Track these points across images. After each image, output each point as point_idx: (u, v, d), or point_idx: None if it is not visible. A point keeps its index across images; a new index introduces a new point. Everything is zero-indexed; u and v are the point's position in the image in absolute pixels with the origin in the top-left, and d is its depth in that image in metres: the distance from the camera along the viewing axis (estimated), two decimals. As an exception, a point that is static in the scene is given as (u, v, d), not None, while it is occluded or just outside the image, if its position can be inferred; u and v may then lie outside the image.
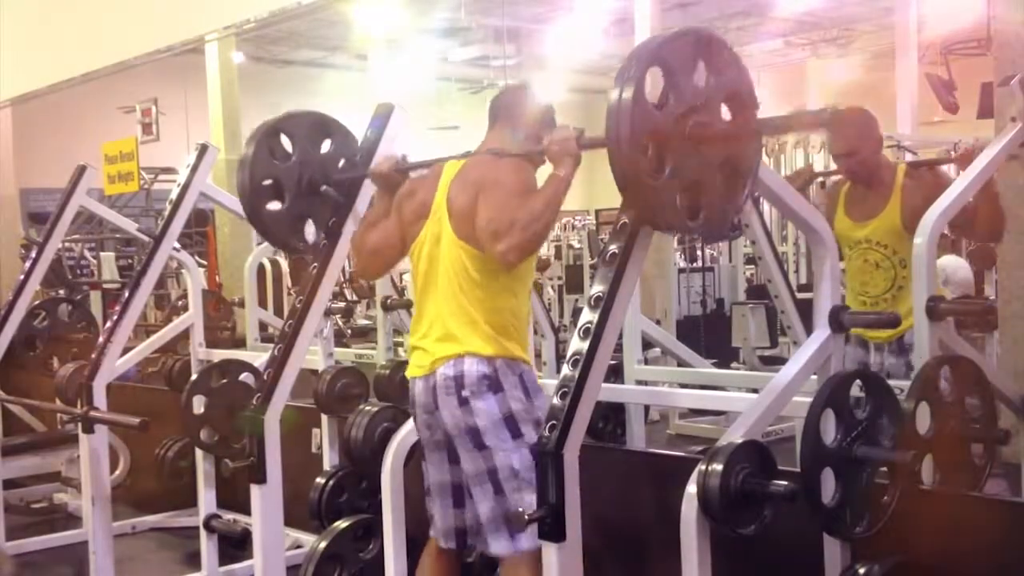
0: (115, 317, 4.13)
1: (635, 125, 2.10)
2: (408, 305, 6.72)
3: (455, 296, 2.73)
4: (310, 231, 3.44)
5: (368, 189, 3.36)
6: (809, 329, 2.83)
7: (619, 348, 3.83)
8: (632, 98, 2.08)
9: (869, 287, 3.71)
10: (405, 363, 5.12)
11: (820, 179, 4.31)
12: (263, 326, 6.35)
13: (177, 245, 4.89)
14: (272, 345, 3.36)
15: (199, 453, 4.41)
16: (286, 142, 3.38)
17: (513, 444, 2.70)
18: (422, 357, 2.80)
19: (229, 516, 4.52)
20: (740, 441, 2.33)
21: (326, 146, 3.47)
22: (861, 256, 3.71)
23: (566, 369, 2.37)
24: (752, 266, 9.65)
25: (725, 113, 2.27)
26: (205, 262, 12.55)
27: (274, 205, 3.36)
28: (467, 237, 2.72)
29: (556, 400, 2.33)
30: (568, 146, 2.58)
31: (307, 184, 3.38)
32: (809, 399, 2.49)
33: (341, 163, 3.46)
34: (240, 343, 6.80)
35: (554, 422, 2.30)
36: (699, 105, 2.19)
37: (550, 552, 2.29)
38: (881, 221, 3.65)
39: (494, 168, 2.75)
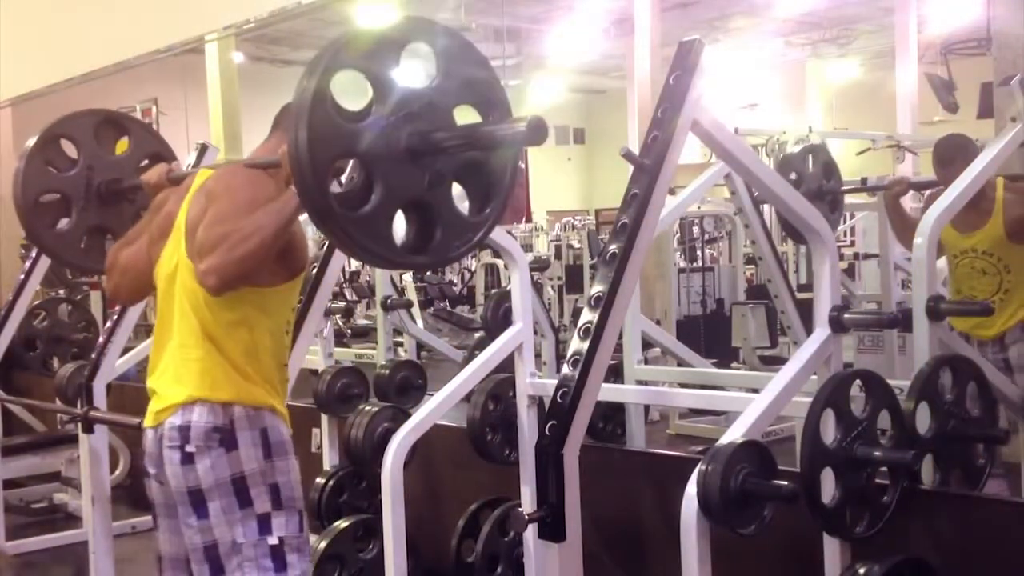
0: (115, 317, 4.13)
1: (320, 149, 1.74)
2: (409, 305, 6.75)
3: (190, 329, 2.28)
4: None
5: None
6: (809, 329, 2.83)
7: (619, 348, 3.83)
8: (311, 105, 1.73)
9: (976, 291, 3.93)
10: (406, 363, 5.18)
11: (922, 191, 4.52)
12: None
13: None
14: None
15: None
16: (70, 148, 2.96)
17: (240, 514, 2.22)
18: (155, 403, 2.33)
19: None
20: (740, 441, 2.33)
21: (124, 147, 3.09)
22: (968, 264, 3.96)
23: (566, 369, 2.37)
24: (752, 266, 9.65)
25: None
26: (205, 262, 12.54)
27: (64, 223, 2.94)
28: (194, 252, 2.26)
29: (556, 400, 2.33)
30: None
31: (100, 193, 2.97)
32: (809, 399, 2.50)
33: (144, 162, 3.05)
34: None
35: (554, 422, 2.30)
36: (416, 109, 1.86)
37: (550, 552, 2.29)
38: (986, 232, 3.88)
39: (230, 177, 2.33)
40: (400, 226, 1.87)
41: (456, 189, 1.96)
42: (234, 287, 2.16)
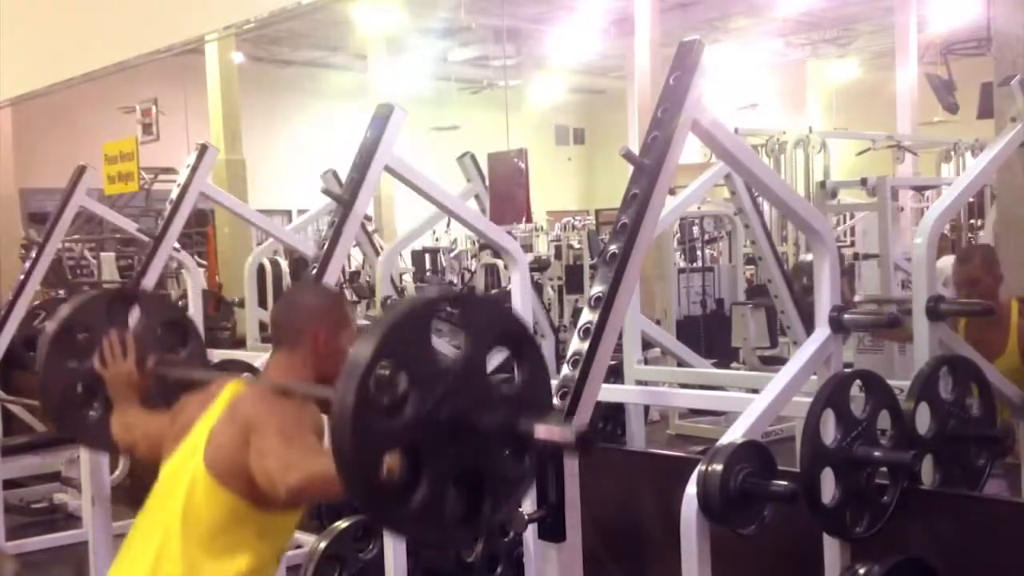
0: (115, 317, 4.13)
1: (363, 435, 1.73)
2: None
3: (172, 537, 2.20)
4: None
5: (368, 189, 3.35)
6: (809, 329, 2.83)
7: (619, 348, 3.83)
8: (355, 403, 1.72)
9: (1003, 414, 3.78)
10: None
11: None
12: (263, 326, 6.35)
13: (177, 245, 4.89)
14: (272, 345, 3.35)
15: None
16: (83, 336, 2.87)
17: None
18: None
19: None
20: (740, 441, 2.33)
21: (135, 319, 2.99)
22: None
23: (566, 369, 2.37)
24: (752, 266, 9.65)
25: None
26: (205, 262, 12.56)
27: (93, 411, 2.87)
28: (221, 474, 2.20)
29: (556, 400, 2.33)
30: None
31: None
32: (809, 399, 2.49)
33: (159, 330, 2.98)
34: (240, 343, 6.81)
35: (554, 422, 2.30)
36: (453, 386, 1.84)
37: (550, 552, 2.29)
38: (1004, 361, 3.72)
39: (271, 408, 2.22)
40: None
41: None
42: (301, 501, 2.20)
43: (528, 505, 2.26)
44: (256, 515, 2.20)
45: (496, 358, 2.02)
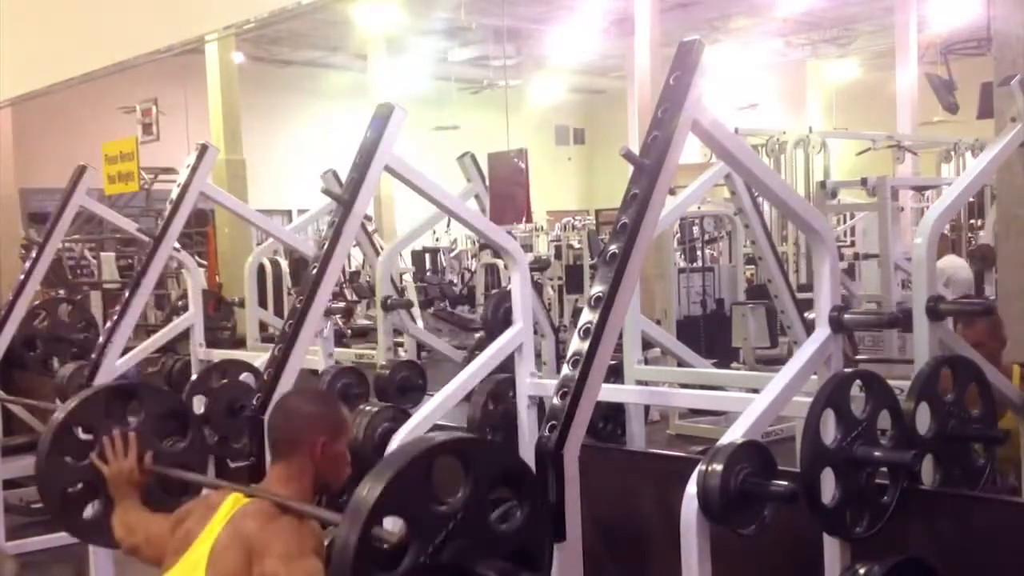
0: (115, 317, 4.13)
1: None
2: (409, 305, 6.75)
3: None
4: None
5: (368, 189, 3.35)
6: (809, 329, 2.83)
7: (619, 348, 3.83)
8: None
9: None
10: (406, 363, 5.16)
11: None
12: (263, 326, 6.35)
13: (177, 245, 4.89)
14: (272, 345, 3.36)
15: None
16: (83, 433, 2.87)
17: None
18: None
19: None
20: (740, 441, 2.33)
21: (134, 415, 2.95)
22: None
23: (566, 369, 2.37)
24: (752, 266, 9.66)
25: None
26: (205, 262, 12.56)
27: (92, 509, 2.85)
28: None
29: (556, 400, 2.33)
30: None
31: None
32: (809, 399, 2.49)
33: (158, 423, 2.96)
34: (240, 343, 6.80)
35: (554, 422, 2.30)
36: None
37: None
38: (1006, 422, 3.58)
39: (274, 526, 2.22)
40: None
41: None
42: None
43: (528, 505, 2.26)
44: None
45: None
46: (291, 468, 2.32)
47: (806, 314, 3.24)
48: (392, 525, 1.86)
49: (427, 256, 15.16)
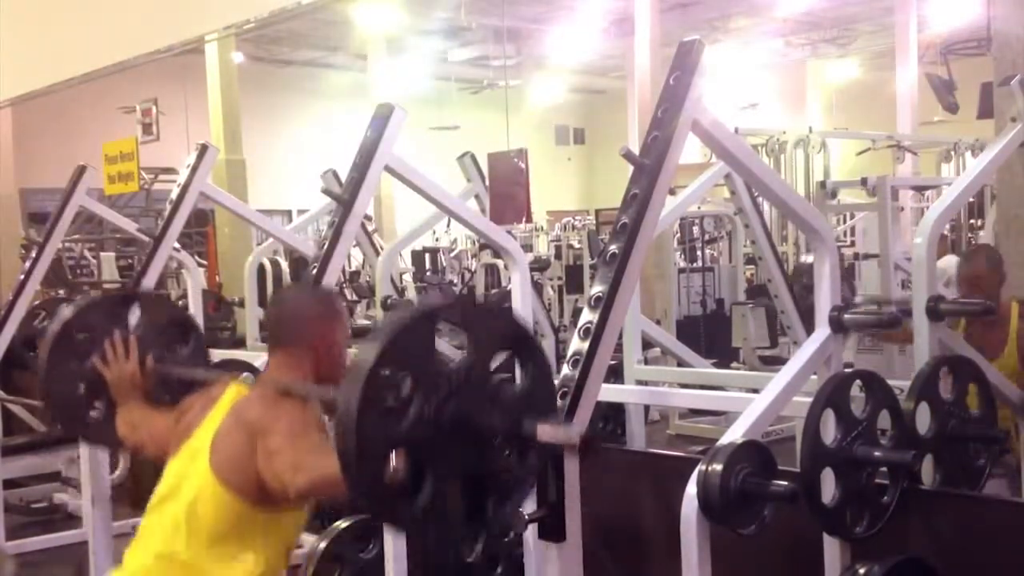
0: (115, 317, 4.12)
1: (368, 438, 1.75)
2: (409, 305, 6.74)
3: (178, 536, 2.23)
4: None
5: (368, 189, 3.35)
6: (809, 329, 2.83)
7: (619, 348, 3.83)
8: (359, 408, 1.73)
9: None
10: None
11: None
12: (263, 326, 6.35)
13: (177, 245, 4.89)
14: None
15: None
16: (85, 337, 2.86)
17: None
18: None
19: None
20: (740, 441, 2.33)
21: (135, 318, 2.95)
22: None
23: (566, 369, 2.37)
24: (752, 266, 9.66)
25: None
26: (205, 262, 12.56)
27: (96, 410, 2.87)
28: (229, 481, 2.21)
29: (556, 400, 2.33)
30: None
31: None
32: (809, 399, 2.49)
33: (160, 329, 2.96)
34: (240, 343, 6.80)
35: (554, 422, 2.29)
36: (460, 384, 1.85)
37: (550, 552, 2.29)
38: (1003, 364, 3.71)
39: (276, 410, 2.23)
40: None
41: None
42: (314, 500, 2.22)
43: (528, 505, 2.26)
44: (263, 517, 2.22)
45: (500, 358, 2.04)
46: (290, 358, 2.33)
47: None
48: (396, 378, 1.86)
49: (427, 256, 15.16)
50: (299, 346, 2.32)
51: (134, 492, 5.57)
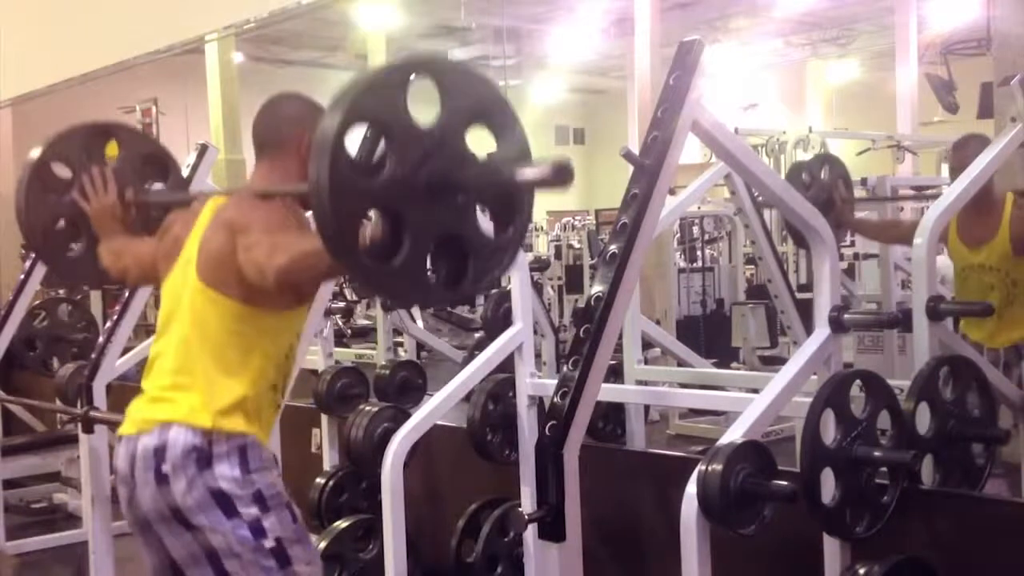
0: (115, 317, 4.13)
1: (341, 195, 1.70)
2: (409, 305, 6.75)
3: (188, 350, 2.26)
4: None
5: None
6: (809, 329, 2.83)
7: (619, 348, 3.83)
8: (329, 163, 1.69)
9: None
10: (406, 363, 5.17)
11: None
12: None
13: (177, 245, 4.87)
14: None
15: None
16: (62, 170, 2.83)
17: (229, 524, 2.19)
18: (137, 411, 2.35)
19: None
20: (740, 441, 2.33)
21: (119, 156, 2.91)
22: (977, 278, 4.00)
23: (566, 369, 2.37)
24: (752, 266, 9.65)
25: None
26: (205, 262, 12.54)
27: (77, 247, 2.84)
28: (215, 282, 2.24)
29: (556, 400, 2.33)
30: None
31: None
32: (809, 399, 2.49)
33: (137, 163, 2.92)
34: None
35: (554, 422, 2.30)
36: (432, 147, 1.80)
37: (550, 552, 2.30)
38: (993, 248, 3.89)
39: (251, 207, 2.25)
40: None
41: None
42: (290, 284, 2.15)
43: (528, 505, 2.27)
44: (258, 316, 2.23)
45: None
46: (275, 165, 2.33)
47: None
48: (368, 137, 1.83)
49: (427, 256, 15.14)
50: (283, 153, 2.32)
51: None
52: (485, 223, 1.92)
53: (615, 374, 3.84)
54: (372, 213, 1.78)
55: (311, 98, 2.42)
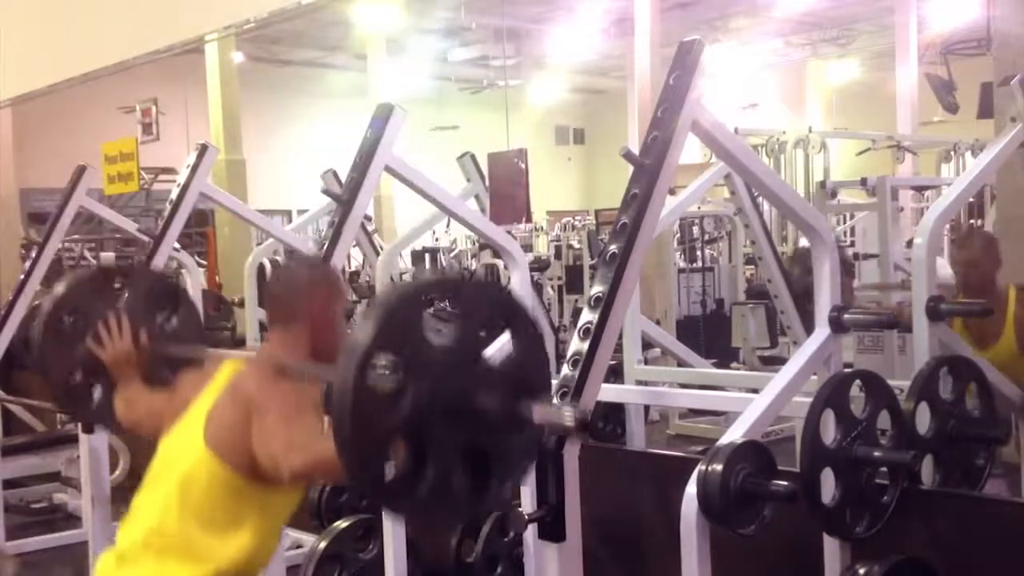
0: (115, 317, 4.12)
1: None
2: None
3: (168, 510, 2.21)
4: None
5: (368, 189, 3.35)
6: (809, 329, 2.83)
7: (619, 348, 3.83)
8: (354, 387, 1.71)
9: None
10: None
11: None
12: (263, 326, 6.34)
13: (177, 245, 4.89)
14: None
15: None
16: (76, 317, 2.85)
17: None
18: (104, 570, 2.29)
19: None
20: (740, 441, 2.33)
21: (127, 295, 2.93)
22: None
23: (566, 369, 2.37)
24: (752, 266, 9.65)
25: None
26: (205, 262, 12.56)
27: (97, 393, 2.87)
28: (222, 451, 2.20)
29: (556, 400, 2.33)
30: None
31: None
32: (809, 399, 2.49)
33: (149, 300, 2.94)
34: (240, 343, 6.80)
35: (554, 422, 2.29)
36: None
37: (550, 552, 2.29)
38: (1000, 347, 3.73)
39: (271, 386, 2.21)
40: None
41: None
42: (304, 480, 2.18)
43: (528, 505, 2.26)
44: (257, 492, 2.20)
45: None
46: (288, 333, 2.32)
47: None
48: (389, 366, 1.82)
49: (427, 256, 15.14)
50: (296, 323, 2.31)
51: (134, 492, 5.57)
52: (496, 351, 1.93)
53: (615, 374, 3.84)
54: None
55: (323, 265, 2.46)
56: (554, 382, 2.41)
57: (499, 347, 1.90)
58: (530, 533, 3.09)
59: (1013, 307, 3.76)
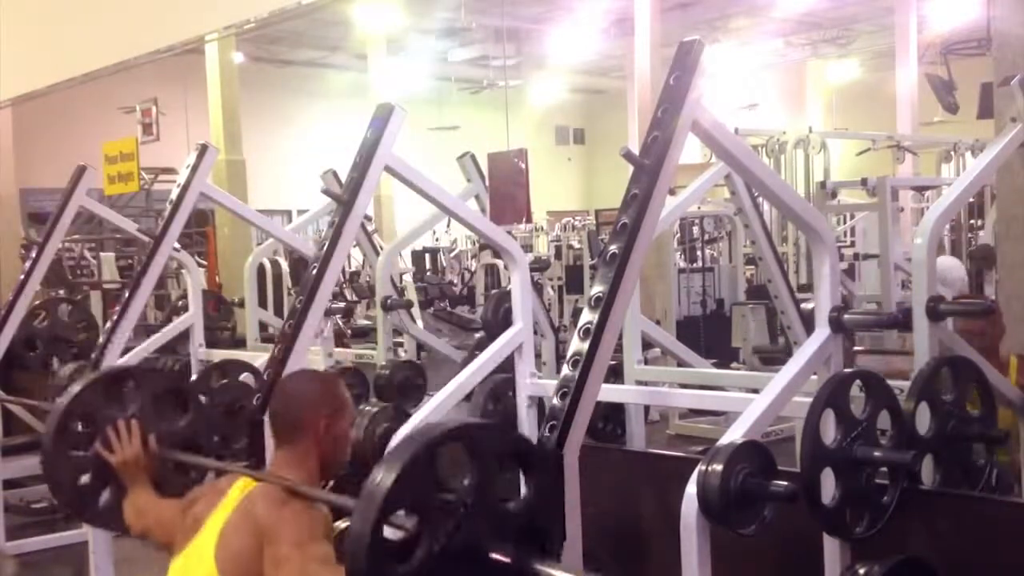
0: (115, 317, 4.13)
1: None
2: (409, 305, 6.75)
3: None
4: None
5: (368, 189, 3.35)
6: (809, 329, 2.83)
7: (619, 348, 3.83)
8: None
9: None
10: (406, 363, 5.17)
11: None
12: (263, 326, 6.35)
13: (177, 245, 4.89)
14: (272, 345, 3.36)
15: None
16: (85, 424, 2.83)
17: None
18: None
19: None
20: (740, 441, 2.32)
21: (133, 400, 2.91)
22: None
23: (566, 369, 2.36)
24: (752, 266, 9.66)
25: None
26: (205, 262, 12.57)
27: (105, 496, 2.83)
28: (229, 574, 2.21)
29: (556, 400, 2.33)
30: None
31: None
32: (809, 399, 2.49)
33: (157, 403, 2.91)
34: (240, 343, 6.80)
35: (554, 422, 2.29)
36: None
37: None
38: (1004, 417, 3.56)
39: (283, 511, 2.22)
40: None
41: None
42: None
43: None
44: None
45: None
46: (296, 451, 2.32)
47: (803, 305, 3.21)
48: (403, 519, 1.84)
49: (427, 256, 15.16)
50: (303, 439, 2.31)
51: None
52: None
53: (615, 374, 3.84)
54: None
55: (323, 376, 2.46)
56: (554, 382, 2.42)
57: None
58: (530, 533, 3.09)
59: (1015, 377, 3.70)
